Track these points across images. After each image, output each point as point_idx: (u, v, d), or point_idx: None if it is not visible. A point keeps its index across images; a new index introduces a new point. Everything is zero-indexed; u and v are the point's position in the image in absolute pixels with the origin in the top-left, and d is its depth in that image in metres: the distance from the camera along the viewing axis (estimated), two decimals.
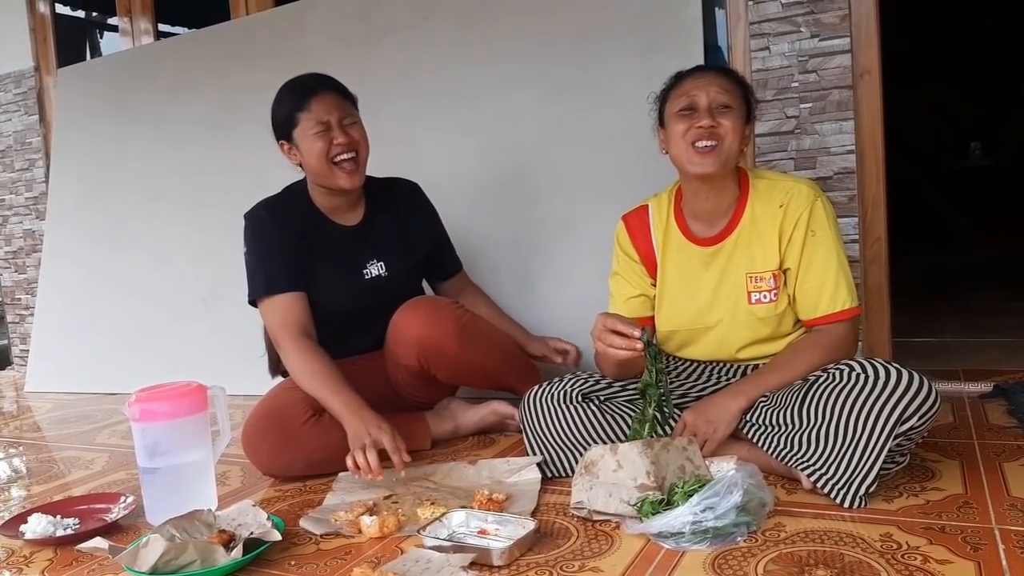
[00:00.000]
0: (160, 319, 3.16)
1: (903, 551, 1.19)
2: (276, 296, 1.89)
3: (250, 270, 1.94)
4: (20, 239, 3.88)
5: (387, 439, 1.67)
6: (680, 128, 1.61)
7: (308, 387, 1.81)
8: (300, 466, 1.81)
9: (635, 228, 1.78)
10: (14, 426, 2.78)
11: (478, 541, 1.32)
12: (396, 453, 1.66)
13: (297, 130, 1.89)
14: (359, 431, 1.69)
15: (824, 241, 1.59)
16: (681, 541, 1.26)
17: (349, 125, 1.91)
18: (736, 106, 1.60)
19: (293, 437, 1.79)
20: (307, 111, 1.88)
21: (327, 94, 1.90)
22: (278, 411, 1.83)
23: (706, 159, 1.58)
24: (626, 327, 1.47)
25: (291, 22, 2.99)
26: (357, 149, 1.91)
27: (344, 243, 1.99)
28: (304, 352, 1.83)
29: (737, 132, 1.59)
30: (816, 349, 1.58)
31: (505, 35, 2.58)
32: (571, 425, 1.65)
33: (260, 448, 1.81)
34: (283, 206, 1.98)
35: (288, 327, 1.86)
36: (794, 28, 2.18)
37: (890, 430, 1.35)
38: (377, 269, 2.00)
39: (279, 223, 1.93)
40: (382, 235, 2.03)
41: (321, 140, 1.87)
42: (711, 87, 1.60)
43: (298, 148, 1.91)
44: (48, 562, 1.45)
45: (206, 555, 1.28)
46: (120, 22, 3.57)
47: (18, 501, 1.88)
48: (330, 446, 1.77)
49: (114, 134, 3.40)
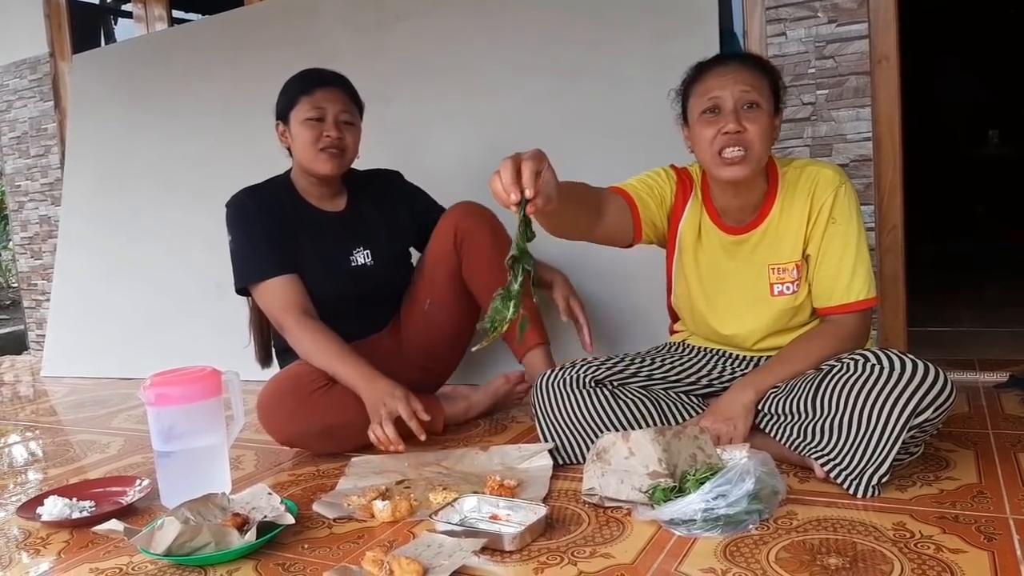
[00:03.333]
0: (174, 305, 3.18)
1: (916, 540, 1.19)
2: (270, 280, 1.89)
3: (237, 257, 1.94)
4: (36, 225, 3.91)
5: (402, 406, 1.71)
6: (706, 134, 1.53)
7: (320, 363, 1.83)
8: (316, 431, 1.82)
9: (682, 184, 1.71)
10: (31, 410, 2.81)
11: (490, 526, 1.33)
12: (412, 419, 1.71)
13: (294, 112, 1.92)
14: (375, 402, 1.74)
15: (844, 229, 1.56)
16: (693, 528, 1.26)
17: (345, 124, 1.93)
18: (764, 102, 1.52)
19: (308, 402, 1.80)
20: (308, 96, 1.91)
21: (333, 88, 1.93)
22: (293, 379, 1.84)
23: (735, 168, 1.52)
24: (519, 178, 1.22)
25: (304, 8, 2.98)
26: (344, 148, 1.93)
27: (329, 229, 2.00)
28: (309, 330, 1.85)
29: (765, 134, 1.52)
30: (827, 339, 1.57)
31: (518, 21, 2.57)
32: (583, 410, 1.65)
33: (276, 414, 1.82)
34: (265, 192, 1.99)
35: (289, 308, 1.87)
36: (811, 13, 2.16)
37: (904, 421, 1.34)
38: (363, 257, 2.01)
39: (262, 208, 1.94)
40: (367, 223, 2.04)
41: (312, 128, 1.90)
42: (736, 84, 1.51)
43: (290, 132, 1.94)
44: (64, 544, 1.46)
45: (220, 538, 1.29)
46: (134, 8, 3.58)
47: (35, 484, 1.90)
48: (346, 411, 1.80)
49: (128, 120, 3.41)
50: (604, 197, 1.59)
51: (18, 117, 3.89)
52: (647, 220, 1.68)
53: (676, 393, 1.74)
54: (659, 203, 1.69)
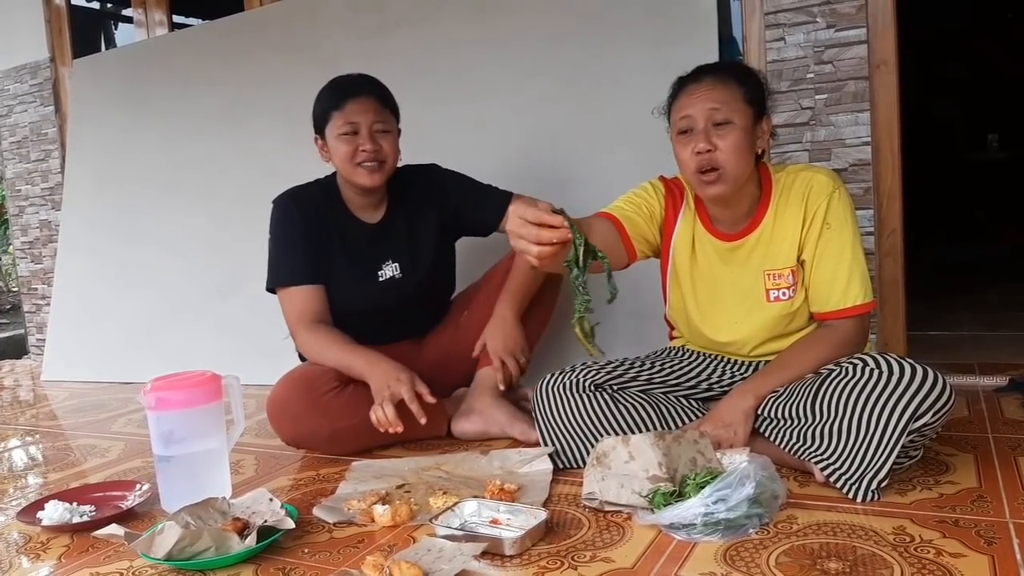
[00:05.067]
0: (174, 309, 3.18)
1: (916, 544, 1.19)
2: (295, 287, 1.91)
3: (272, 258, 1.96)
4: (36, 229, 3.91)
5: (404, 389, 1.73)
6: (682, 154, 1.56)
7: (327, 359, 1.85)
8: (325, 433, 1.83)
9: (671, 195, 1.73)
10: (31, 414, 2.81)
11: (490, 530, 1.33)
12: (413, 402, 1.73)
13: (328, 127, 1.90)
14: (380, 385, 1.75)
15: (839, 234, 1.56)
16: (693, 532, 1.26)
17: (380, 133, 1.90)
18: (738, 115, 1.52)
19: (318, 404, 1.82)
20: (340, 111, 1.88)
21: (364, 97, 1.89)
22: (304, 379, 1.85)
23: (712, 186, 1.54)
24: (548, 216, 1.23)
25: (304, 13, 2.99)
26: (383, 160, 1.90)
27: (364, 241, 1.99)
28: (316, 331, 1.88)
29: (739, 150, 1.52)
30: (824, 345, 1.57)
31: (518, 25, 2.57)
32: (583, 415, 1.65)
33: (285, 414, 1.83)
34: (310, 196, 1.98)
35: (303, 317, 1.90)
36: (810, 18, 2.16)
37: (904, 426, 1.34)
38: (392, 270, 2.01)
39: (304, 214, 1.94)
40: (399, 236, 2.03)
41: (348, 143, 1.87)
42: (706, 103, 1.52)
43: (328, 146, 1.92)
44: (65, 548, 1.46)
45: (220, 542, 1.29)
46: (135, 13, 3.58)
47: (35, 488, 1.90)
48: (356, 414, 1.81)
49: (129, 125, 3.42)
50: (590, 224, 1.58)
51: (19, 122, 3.89)
52: (638, 237, 1.69)
53: (676, 397, 1.74)
54: (648, 218, 1.71)
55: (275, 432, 1.88)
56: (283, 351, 2.12)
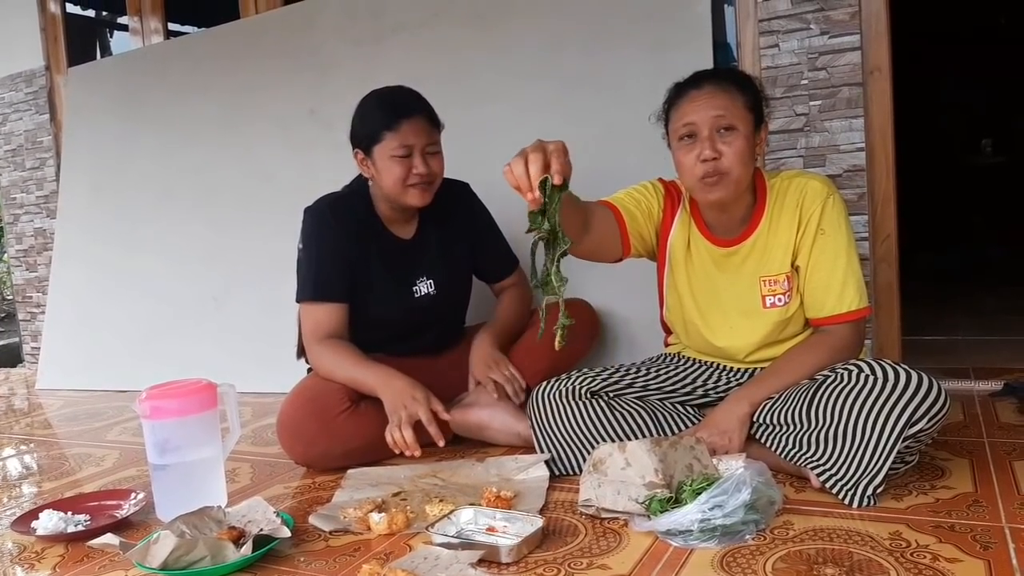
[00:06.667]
0: (170, 317, 3.18)
1: (912, 549, 1.19)
2: (320, 304, 1.90)
3: (302, 268, 1.93)
4: (31, 237, 3.90)
5: (422, 410, 1.72)
6: (685, 161, 1.55)
7: (339, 375, 1.84)
8: (338, 454, 1.81)
9: (669, 198, 1.74)
10: (25, 423, 2.80)
11: (486, 538, 1.33)
12: (432, 424, 1.71)
13: (379, 147, 1.86)
14: (395, 404, 1.74)
15: (833, 240, 1.57)
16: (689, 539, 1.26)
17: (431, 154, 1.88)
18: (741, 122, 1.53)
19: (331, 426, 1.80)
20: (395, 132, 1.84)
21: (418, 118, 1.87)
22: (316, 400, 1.83)
23: (715, 190, 1.54)
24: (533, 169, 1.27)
25: (301, 20, 2.99)
26: (433, 180, 1.90)
27: (398, 256, 1.98)
28: (328, 346, 1.87)
29: (743, 155, 1.52)
30: (820, 350, 1.57)
31: (515, 31, 2.58)
32: (579, 422, 1.65)
33: (298, 439, 1.82)
34: (345, 208, 1.95)
35: (319, 333, 1.89)
36: (803, 25, 2.17)
37: (899, 432, 1.34)
38: (427, 287, 2.01)
39: (339, 227, 1.91)
40: (432, 252, 2.03)
41: (401, 165, 1.85)
42: (710, 110, 1.52)
43: (374, 164, 1.88)
44: (59, 558, 1.46)
45: (216, 551, 1.29)
46: (130, 21, 3.58)
47: (29, 498, 1.89)
48: (369, 434, 1.80)
49: (124, 133, 3.41)
50: (591, 209, 1.59)
51: (13, 130, 3.89)
52: (635, 233, 1.69)
53: (672, 403, 1.74)
54: (647, 216, 1.71)
55: (286, 453, 1.86)
56: (281, 359, 2.11)
